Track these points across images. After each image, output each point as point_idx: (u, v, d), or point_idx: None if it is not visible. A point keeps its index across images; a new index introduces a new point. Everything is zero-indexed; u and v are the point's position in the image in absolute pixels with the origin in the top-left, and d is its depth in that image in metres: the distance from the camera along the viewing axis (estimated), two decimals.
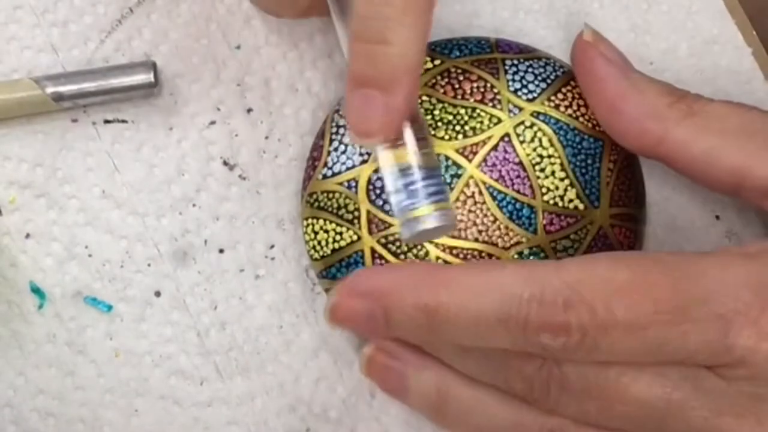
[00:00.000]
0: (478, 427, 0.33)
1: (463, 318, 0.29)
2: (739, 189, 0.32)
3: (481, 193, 0.33)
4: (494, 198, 0.33)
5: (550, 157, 0.33)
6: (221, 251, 0.37)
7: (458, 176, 0.33)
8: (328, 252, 0.34)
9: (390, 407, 0.36)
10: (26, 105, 0.36)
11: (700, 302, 0.28)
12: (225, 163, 0.37)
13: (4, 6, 0.37)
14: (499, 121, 0.33)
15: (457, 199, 0.33)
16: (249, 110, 0.37)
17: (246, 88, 0.37)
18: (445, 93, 0.34)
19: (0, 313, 0.36)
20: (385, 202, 0.33)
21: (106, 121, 0.37)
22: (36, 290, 0.36)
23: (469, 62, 0.34)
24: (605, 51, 0.34)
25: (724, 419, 0.29)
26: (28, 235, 0.37)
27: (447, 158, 0.33)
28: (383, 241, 0.33)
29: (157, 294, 0.37)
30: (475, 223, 0.33)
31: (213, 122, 0.37)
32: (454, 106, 0.34)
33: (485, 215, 0.33)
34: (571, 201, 0.33)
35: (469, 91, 0.34)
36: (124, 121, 0.37)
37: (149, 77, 0.36)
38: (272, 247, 0.37)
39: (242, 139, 0.37)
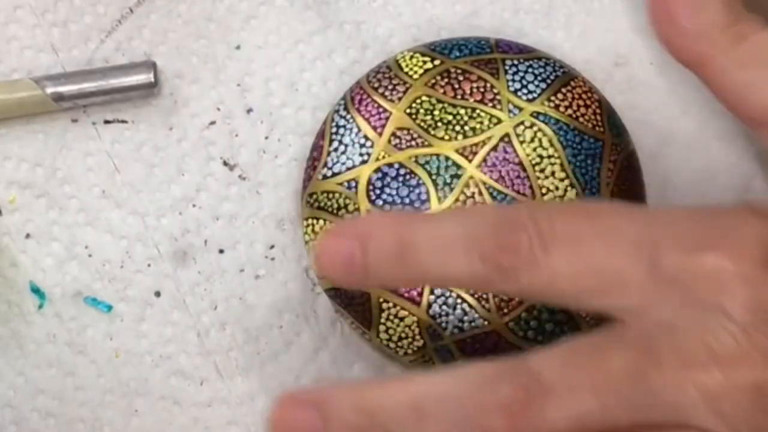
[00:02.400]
0: None
1: (434, 243, 0.29)
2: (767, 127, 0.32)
3: (481, 193, 0.33)
4: (494, 198, 0.33)
5: (550, 157, 0.33)
6: (221, 251, 0.37)
7: (458, 176, 0.33)
8: None
9: None
10: (26, 105, 0.36)
11: (638, 229, 0.28)
12: (225, 163, 0.37)
13: (4, 6, 0.37)
14: (499, 121, 0.33)
15: (457, 200, 0.33)
16: (249, 110, 0.37)
17: (246, 88, 0.37)
18: (444, 93, 0.34)
19: (0, 313, 0.36)
20: (385, 202, 0.33)
21: (106, 121, 0.37)
22: (36, 290, 0.36)
23: (469, 62, 0.35)
24: None
25: (683, 368, 0.27)
26: (28, 235, 0.37)
27: (447, 158, 0.33)
28: None
29: (157, 294, 0.37)
30: None
31: (213, 122, 0.37)
32: (454, 106, 0.34)
33: None
34: (571, 201, 0.33)
35: (468, 92, 0.34)
36: (124, 121, 0.37)
37: (149, 77, 0.36)
38: (272, 247, 0.37)
39: (242, 139, 0.37)
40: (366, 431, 0.29)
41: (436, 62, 0.35)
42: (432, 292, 0.33)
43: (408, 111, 0.34)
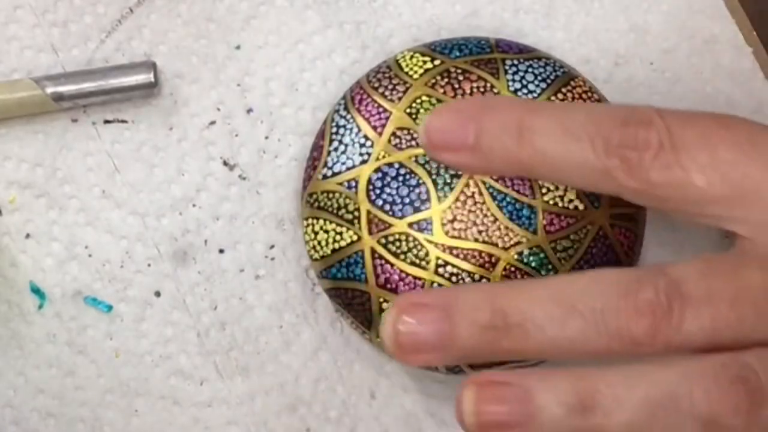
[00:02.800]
0: (643, 406, 0.28)
1: (554, 128, 0.29)
2: None
3: (481, 193, 0.33)
4: (494, 198, 0.33)
5: None
6: (221, 251, 0.37)
7: (458, 176, 0.33)
8: (328, 252, 0.34)
9: (390, 407, 0.36)
10: (26, 105, 0.36)
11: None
12: (225, 163, 0.37)
13: (4, 6, 0.37)
14: None
15: (457, 199, 0.33)
16: (249, 110, 0.37)
17: (246, 88, 0.37)
18: (445, 93, 0.34)
19: (0, 313, 0.36)
20: (385, 201, 0.33)
21: (106, 121, 0.37)
22: (36, 290, 0.36)
23: (469, 62, 0.34)
24: None
25: None
26: (28, 235, 0.37)
27: None
28: (383, 241, 0.33)
29: (157, 294, 0.37)
30: (475, 223, 0.33)
31: (213, 122, 0.37)
32: None
33: (485, 215, 0.33)
34: (571, 201, 0.33)
35: (469, 91, 0.34)
36: (124, 121, 0.37)
37: (149, 77, 0.36)
38: (272, 247, 0.37)
39: (242, 139, 0.37)
40: (499, 331, 0.28)
41: (437, 62, 0.35)
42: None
43: (408, 111, 0.34)
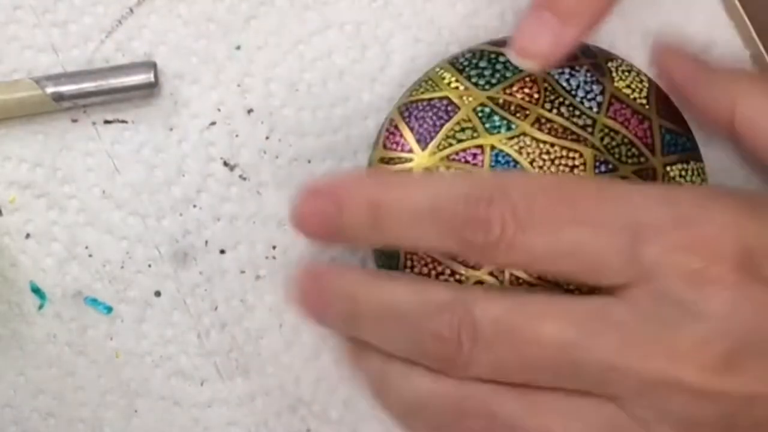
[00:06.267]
0: (398, 403, 0.32)
1: (403, 211, 0.30)
2: None
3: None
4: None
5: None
6: (222, 252, 0.37)
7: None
8: None
9: None
10: (26, 105, 0.36)
11: (619, 216, 0.29)
12: (225, 164, 0.37)
13: (4, 6, 0.37)
14: None
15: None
16: (249, 111, 0.37)
17: (246, 88, 0.37)
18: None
19: (0, 313, 0.36)
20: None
21: (106, 121, 0.37)
22: (36, 290, 0.36)
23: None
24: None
25: (630, 351, 0.28)
26: (28, 235, 0.37)
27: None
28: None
29: (158, 294, 0.37)
30: None
31: (213, 123, 0.37)
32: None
33: None
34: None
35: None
36: (124, 122, 0.37)
37: (149, 77, 0.36)
38: (273, 247, 0.37)
39: (242, 140, 0.37)
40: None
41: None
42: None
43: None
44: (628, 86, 0.35)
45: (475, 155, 0.34)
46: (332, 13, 0.38)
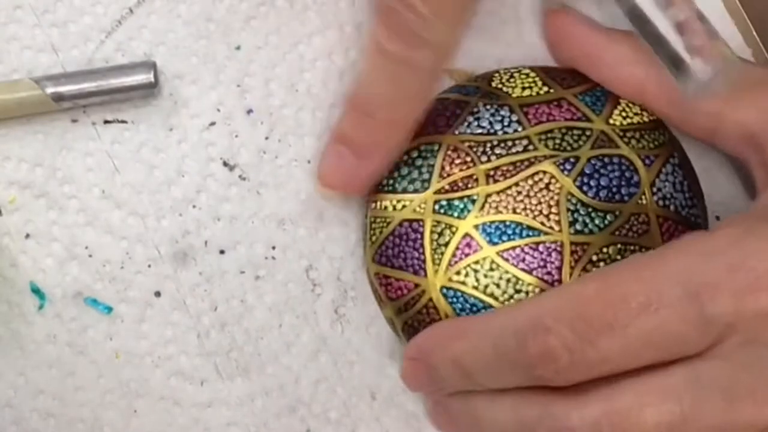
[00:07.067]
0: None
1: (476, 363, 0.31)
2: (714, 134, 0.33)
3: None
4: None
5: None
6: (222, 252, 0.37)
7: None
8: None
9: (390, 408, 0.36)
10: (26, 105, 0.36)
11: (668, 284, 0.28)
12: (225, 164, 0.37)
13: (4, 6, 0.37)
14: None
15: None
16: (249, 111, 0.37)
17: (246, 88, 0.37)
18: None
19: (0, 313, 0.36)
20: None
21: (106, 122, 0.37)
22: (36, 291, 0.36)
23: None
24: (576, 15, 0.36)
25: (741, 405, 0.28)
26: (28, 236, 0.37)
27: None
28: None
29: (158, 295, 0.37)
30: None
31: (213, 123, 0.37)
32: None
33: None
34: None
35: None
36: (124, 122, 0.37)
37: (149, 77, 0.36)
38: (273, 247, 0.37)
39: (242, 140, 0.37)
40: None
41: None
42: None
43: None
44: (523, 88, 0.35)
45: (468, 245, 0.34)
46: (332, 14, 0.38)
